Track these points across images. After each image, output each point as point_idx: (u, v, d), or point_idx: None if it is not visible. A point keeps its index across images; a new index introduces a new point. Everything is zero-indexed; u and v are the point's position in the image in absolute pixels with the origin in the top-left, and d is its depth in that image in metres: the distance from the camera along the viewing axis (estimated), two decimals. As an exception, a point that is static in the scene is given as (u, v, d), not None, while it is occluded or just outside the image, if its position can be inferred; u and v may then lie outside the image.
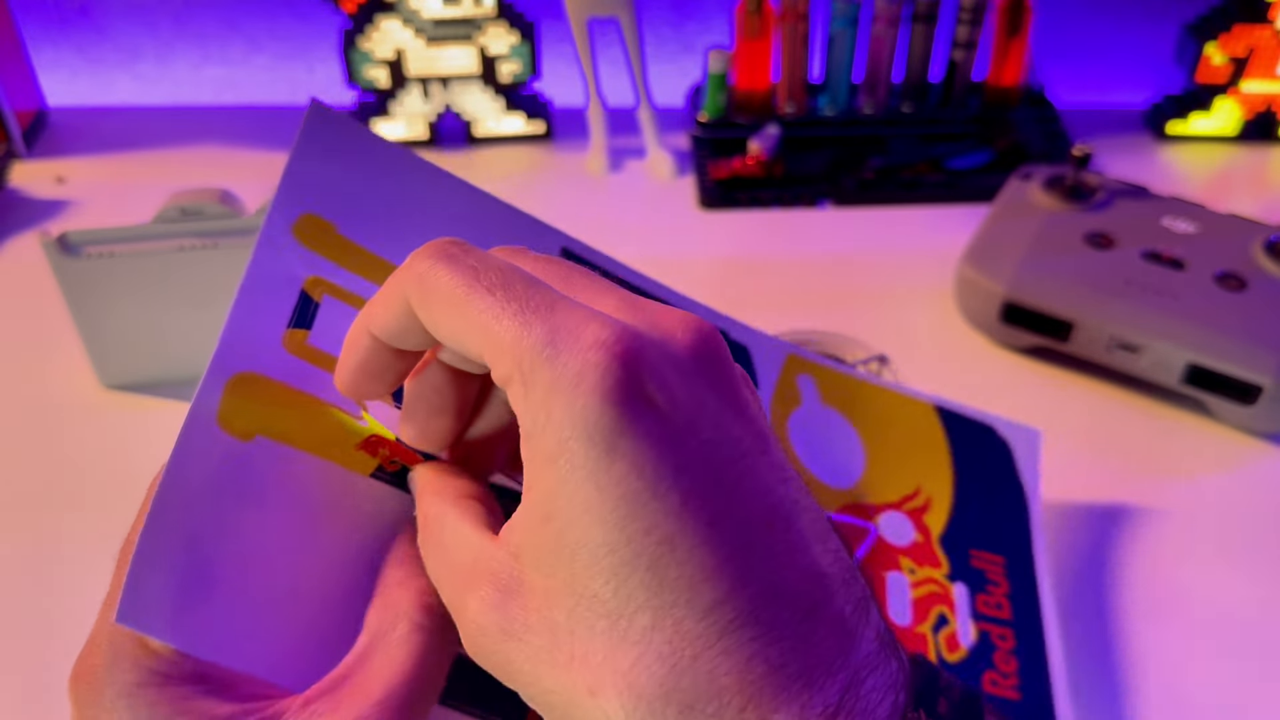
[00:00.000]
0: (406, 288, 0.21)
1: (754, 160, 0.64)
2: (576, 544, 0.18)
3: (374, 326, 0.22)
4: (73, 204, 0.64)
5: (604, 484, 0.18)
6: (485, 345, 0.20)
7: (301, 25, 0.76)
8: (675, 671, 0.18)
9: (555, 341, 0.19)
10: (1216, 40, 0.66)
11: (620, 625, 0.18)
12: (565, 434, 0.18)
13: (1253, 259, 0.51)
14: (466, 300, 0.20)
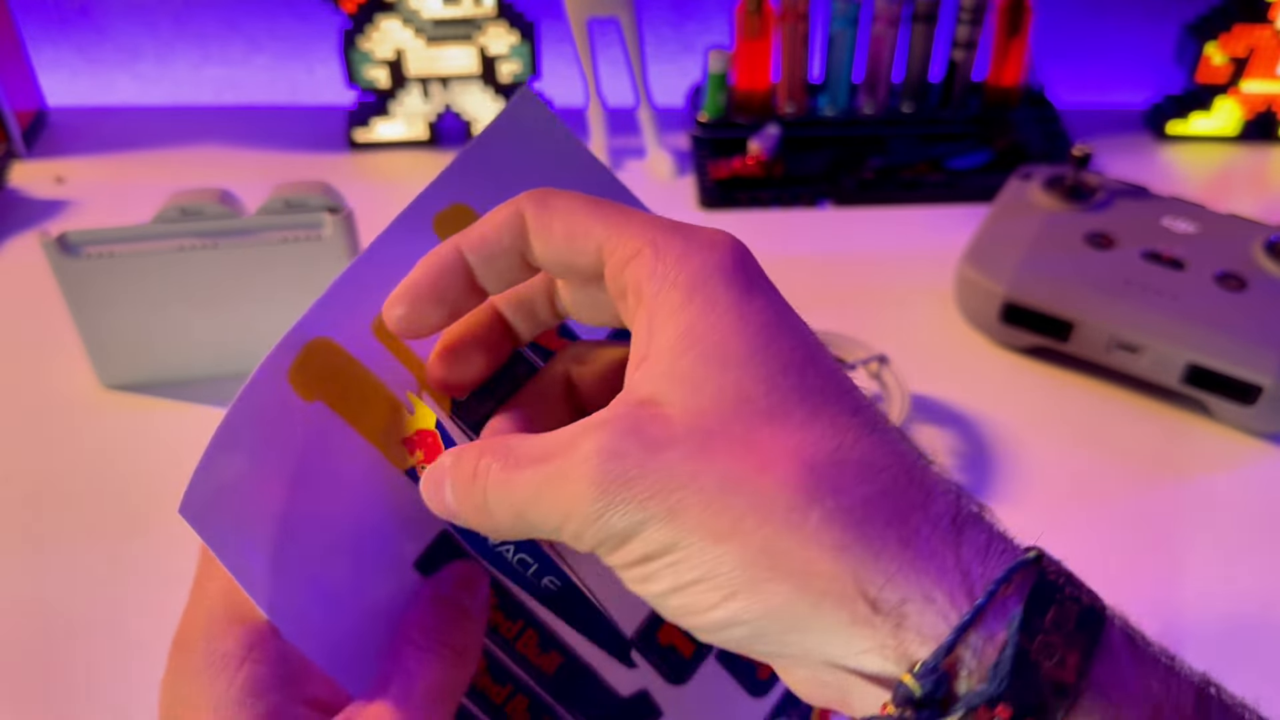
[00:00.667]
0: (523, 204, 0.23)
1: (754, 160, 0.64)
2: (728, 358, 0.20)
3: (471, 246, 0.23)
4: (72, 204, 0.64)
5: (746, 313, 0.21)
6: (607, 236, 0.22)
7: (302, 25, 0.76)
8: (840, 450, 0.19)
9: (683, 229, 0.22)
10: (1217, 40, 0.66)
11: (778, 419, 0.20)
12: (705, 278, 0.21)
13: (1253, 259, 0.51)
14: (591, 209, 0.22)
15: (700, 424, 0.20)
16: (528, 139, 0.26)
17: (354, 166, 0.67)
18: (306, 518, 0.23)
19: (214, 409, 0.49)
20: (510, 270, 0.23)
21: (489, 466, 0.22)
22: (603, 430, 0.20)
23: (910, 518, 0.19)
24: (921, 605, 0.18)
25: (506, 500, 0.21)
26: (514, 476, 0.21)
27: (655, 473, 0.19)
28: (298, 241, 0.46)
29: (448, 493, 0.23)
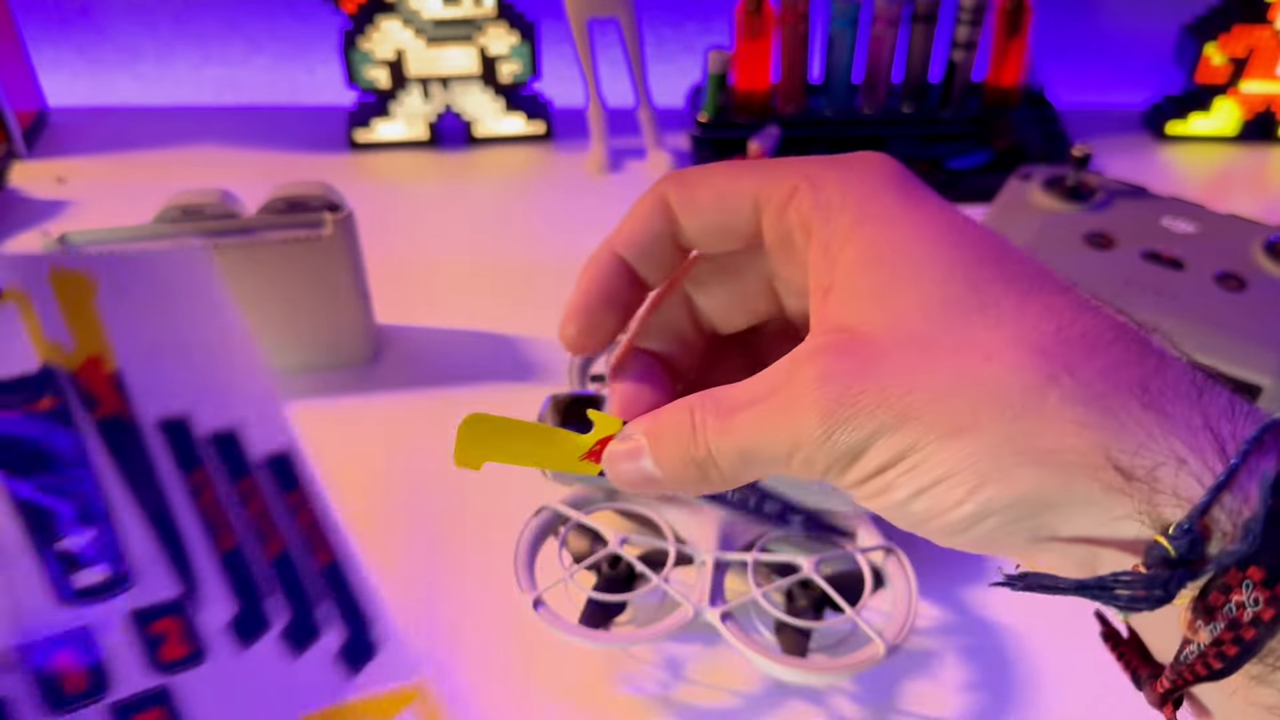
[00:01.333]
0: (661, 187, 0.23)
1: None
2: (919, 264, 0.20)
3: (623, 244, 0.24)
4: (73, 204, 0.64)
5: (923, 219, 0.21)
6: (758, 185, 0.22)
7: (302, 26, 0.76)
8: (1062, 329, 0.19)
9: (829, 157, 0.22)
10: (1216, 41, 0.66)
11: (990, 311, 0.19)
12: (870, 196, 0.21)
13: (1252, 259, 0.51)
14: (731, 168, 0.23)
15: (911, 332, 0.20)
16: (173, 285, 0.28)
17: (354, 167, 0.68)
18: None
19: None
20: (666, 256, 0.24)
21: (704, 419, 0.22)
22: (815, 357, 0.20)
23: (1150, 383, 0.18)
24: (1175, 468, 0.18)
25: (731, 445, 0.21)
26: (734, 420, 0.21)
27: (878, 383, 0.19)
28: (298, 242, 0.46)
29: (646, 462, 0.23)
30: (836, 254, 0.21)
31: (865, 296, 0.20)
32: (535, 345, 0.53)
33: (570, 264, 0.68)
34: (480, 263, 0.60)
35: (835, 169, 0.22)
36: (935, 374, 0.19)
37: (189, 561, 0.35)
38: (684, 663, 0.38)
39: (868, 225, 0.21)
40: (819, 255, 0.21)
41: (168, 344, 0.39)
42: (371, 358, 0.52)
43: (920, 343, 0.19)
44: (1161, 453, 0.18)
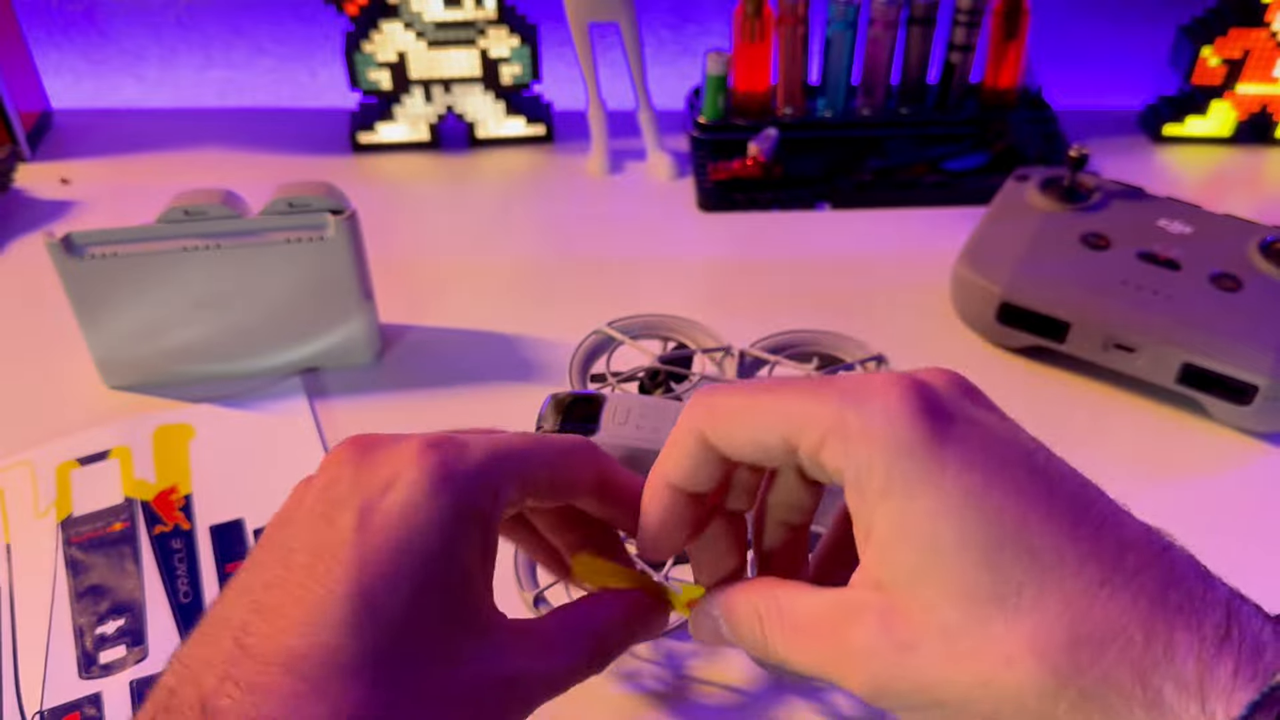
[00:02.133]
0: (696, 423, 0.24)
1: (753, 162, 0.64)
2: (941, 548, 0.21)
3: (670, 474, 0.25)
4: (77, 205, 0.64)
5: (944, 487, 0.21)
6: (788, 429, 0.23)
7: (305, 29, 0.76)
8: (1076, 623, 0.20)
9: (851, 397, 0.22)
10: (1212, 43, 0.67)
11: (1010, 602, 0.20)
12: (892, 459, 0.21)
13: (1248, 259, 0.51)
14: (754, 405, 0.23)
15: (937, 621, 0.21)
16: None
17: (357, 168, 0.68)
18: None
19: (216, 409, 0.50)
20: (717, 471, 0.25)
21: (771, 630, 0.24)
22: (858, 625, 0.22)
23: (1152, 679, 0.19)
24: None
25: (799, 662, 0.24)
26: (800, 644, 0.24)
27: (913, 673, 0.21)
28: (301, 242, 0.47)
29: (724, 628, 0.26)
30: (870, 513, 0.22)
31: (896, 569, 0.22)
32: (536, 345, 0.53)
33: (570, 264, 0.69)
34: (482, 263, 0.60)
35: (855, 415, 0.22)
36: (961, 677, 0.21)
37: None
38: (683, 659, 0.39)
39: (893, 497, 0.21)
40: (855, 506, 0.22)
41: (240, 466, 0.47)
42: (375, 357, 0.52)
43: (947, 636, 0.21)
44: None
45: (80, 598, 0.41)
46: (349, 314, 0.50)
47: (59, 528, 0.44)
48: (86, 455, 0.47)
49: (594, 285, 0.58)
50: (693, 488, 0.25)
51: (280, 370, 0.51)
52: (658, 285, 0.58)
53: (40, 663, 0.39)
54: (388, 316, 0.54)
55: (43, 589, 0.41)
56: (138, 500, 0.45)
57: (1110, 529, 0.21)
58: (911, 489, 0.21)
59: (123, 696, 0.38)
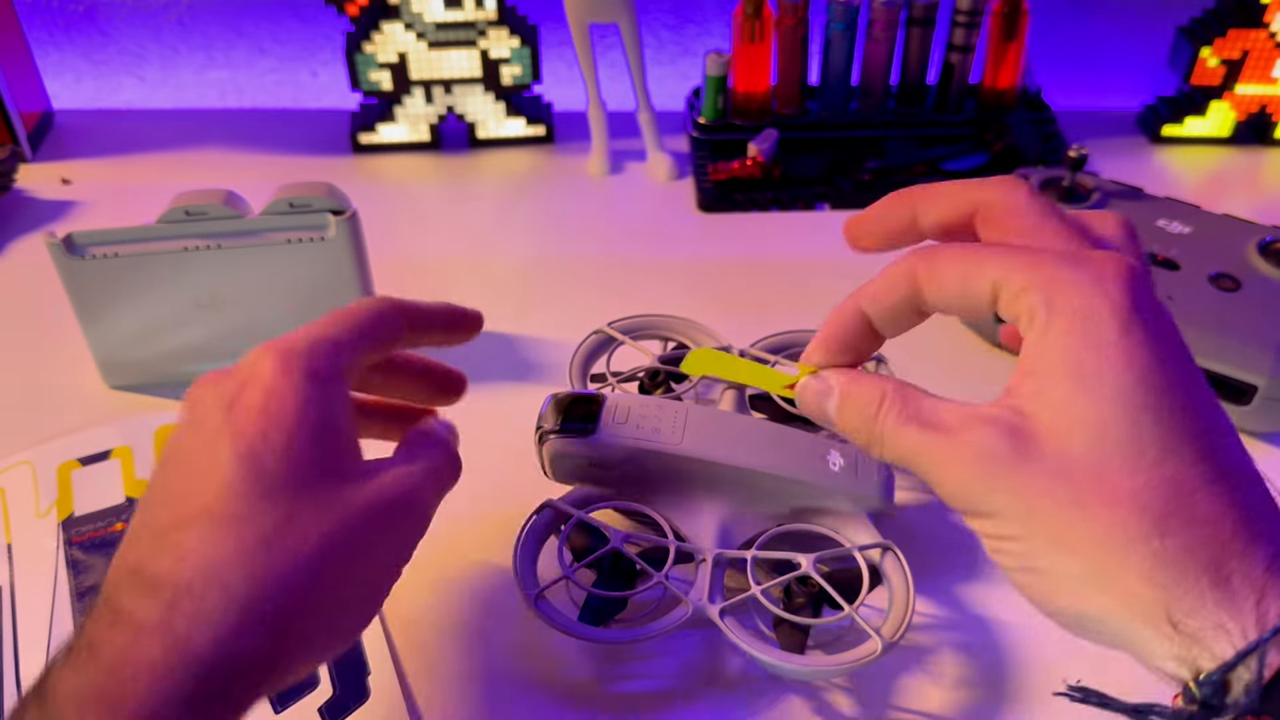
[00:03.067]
0: (914, 263, 0.27)
1: (752, 162, 0.65)
2: (1099, 392, 0.24)
3: (867, 302, 0.28)
4: (78, 205, 0.65)
5: (1121, 349, 0.24)
6: (1002, 272, 0.25)
7: (305, 29, 0.76)
8: (1176, 496, 0.23)
9: (1072, 260, 0.25)
10: (1211, 44, 0.67)
11: (1132, 457, 0.23)
12: (1089, 310, 0.24)
13: (1247, 260, 0.51)
14: (978, 252, 0.26)
15: (1063, 447, 0.24)
16: None
17: (358, 169, 0.68)
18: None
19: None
20: (905, 317, 0.28)
21: (889, 411, 0.27)
22: (989, 426, 0.25)
23: (1225, 564, 0.23)
24: (1215, 633, 0.22)
25: (899, 445, 0.27)
26: (908, 430, 0.26)
27: (1020, 476, 0.24)
28: (302, 243, 0.47)
29: (830, 406, 0.28)
30: (1045, 350, 0.25)
31: (1047, 400, 0.24)
32: (536, 344, 0.53)
33: (571, 265, 0.69)
34: (483, 263, 0.60)
35: (1068, 272, 0.25)
36: (1064, 492, 0.24)
37: None
38: (683, 658, 0.39)
39: (1074, 337, 0.24)
40: (1033, 343, 0.25)
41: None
42: (374, 357, 0.52)
43: (1067, 460, 0.24)
44: (1211, 619, 0.22)
45: (81, 597, 0.41)
46: (349, 314, 0.50)
47: (60, 527, 0.44)
48: (88, 455, 0.47)
49: (594, 285, 0.58)
50: (878, 318, 0.28)
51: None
52: (658, 285, 0.58)
53: (41, 662, 0.39)
54: (388, 316, 0.54)
55: (44, 589, 0.41)
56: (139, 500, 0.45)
57: (1233, 450, 0.24)
58: (1095, 338, 0.24)
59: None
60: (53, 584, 0.42)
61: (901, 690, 0.38)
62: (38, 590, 0.41)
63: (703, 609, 0.36)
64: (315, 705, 0.37)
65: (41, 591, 0.41)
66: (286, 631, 0.26)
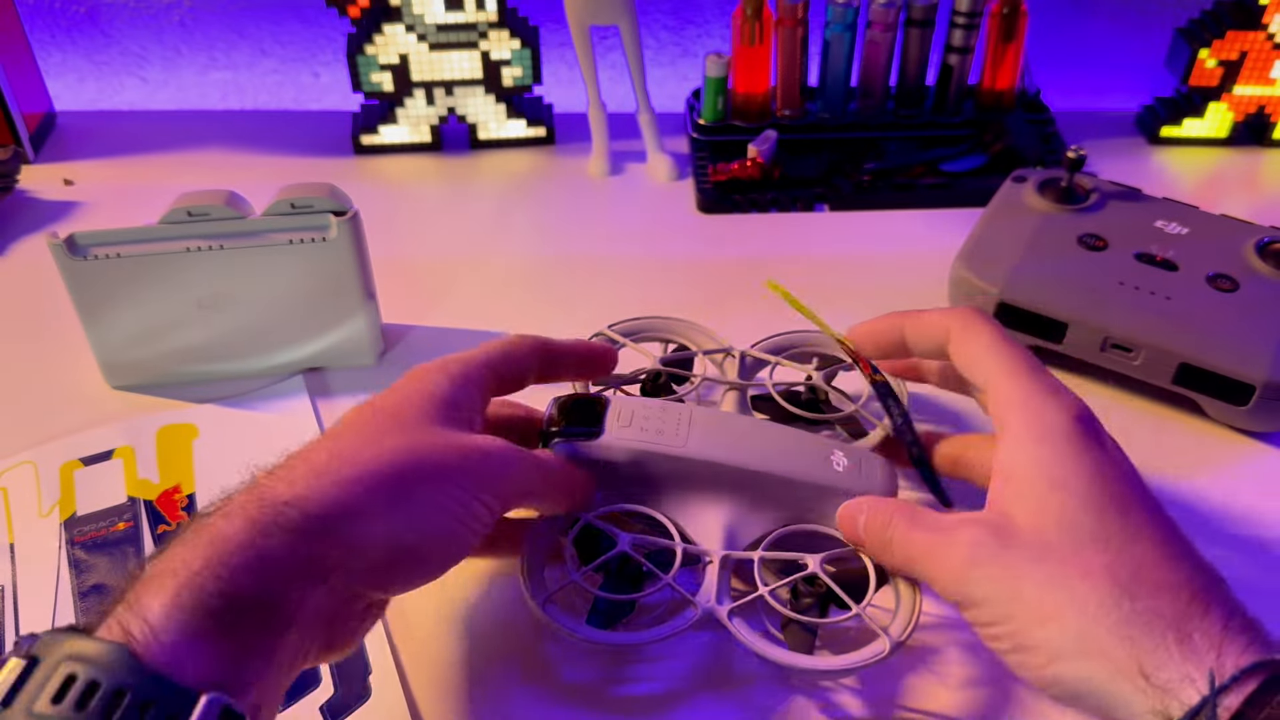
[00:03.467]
0: (951, 321, 0.36)
1: (752, 163, 0.65)
2: (1066, 490, 0.30)
3: (908, 329, 0.37)
4: (80, 206, 0.65)
5: (1089, 461, 0.31)
6: (998, 380, 0.34)
7: (307, 31, 0.77)
8: (1141, 569, 0.29)
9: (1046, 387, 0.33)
10: (1209, 45, 0.67)
11: (1100, 540, 0.29)
12: (1057, 431, 0.32)
13: (1244, 260, 0.51)
14: (996, 351, 0.35)
15: (1041, 537, 0.30)
16: None
17: (359, 170, 0.68)
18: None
19: (219, 409, 0.50)
20: (932, 353, 0.37)
21: (898, 522, 0.34)
22: (974, 526, 0.31)
23: (1186, 624, 0.27)
24: (1183, 684, 0.26)
25: (904, 550, 0.34)
26: (912, 535, 0.33)
27: (1003, 562, 0.30)
28: (303, 243, 0.47)
29: (860, 526, 0.36)
30: (1018, 457, 0.32)
31: (1024, 500, 0.31)
32: (537, 345, 0.54)
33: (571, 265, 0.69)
34: (483, 264, 0.60)
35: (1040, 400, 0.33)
36: (1043, 572, 0.29)
37: None
38: (690, 660, 0.39)
39: (1045, 449, 0.31)
40: (1007, 449, 0.32)
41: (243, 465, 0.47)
42: (377, 357, 0.52)
43: (1045, 548, 0.30)
44: (1178, 671, 0.27)
45: (84, 597, 0.41)
46: (351, 314, 0.50)
47: (62, 527, 0.44)
48: (90, 455, 0.47)
49: (594, 286, 0.58)
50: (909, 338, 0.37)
51: (283, 370, 0.51)
52: (658, 286, 0.58)
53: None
54: (389, 317, 0.54)
55: (46, 588, 0.42)
56: (141, 500, 0.45)
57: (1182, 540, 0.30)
58: (1061, 451, 0.31)
59: (127, 694, 0.38)
60: (55, 583, 0.42)
61: (908, 691, 0.38)
62: (40, 589, 0.41)
63: (711, 610, 0.36)
64: (317, 704, 0.37)
65: (44, 591, 0.41)
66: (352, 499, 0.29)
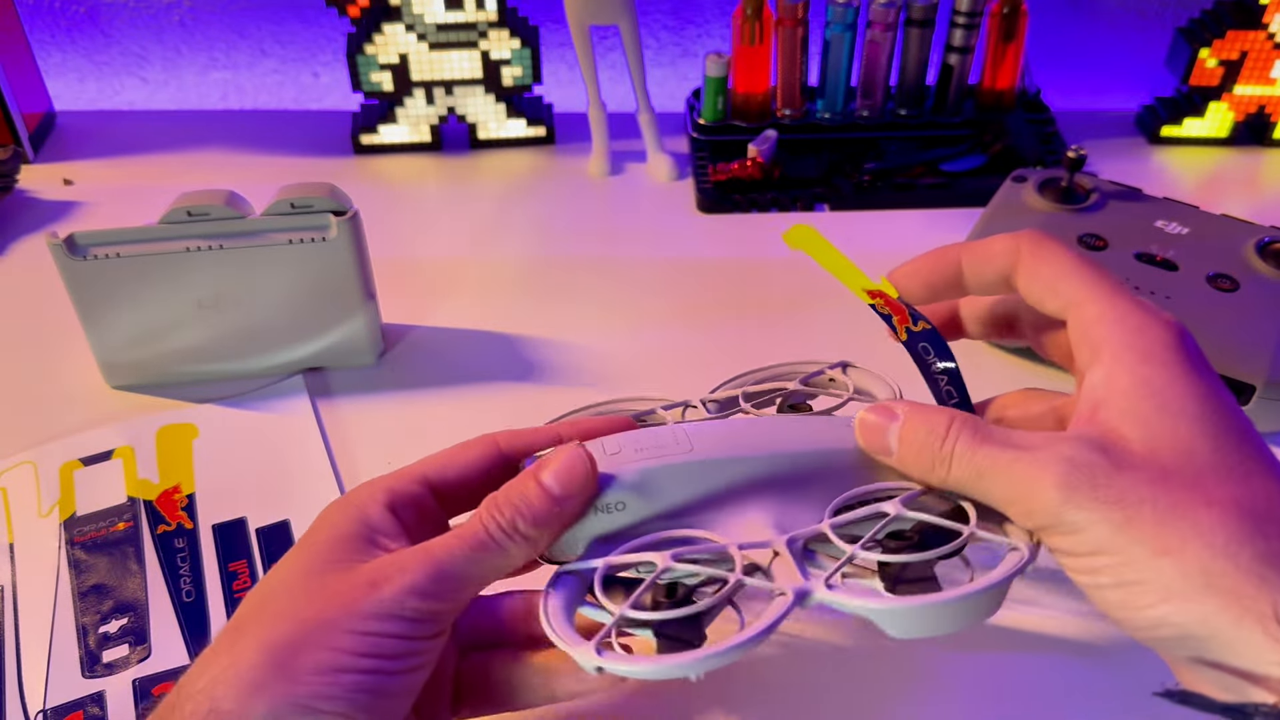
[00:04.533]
0: (1022, 242, 0.30)
1: (752, 163, 0.65)
2: (1179, 414, 0.26)
3: (969, 257, 0.31)
4: (80, 206, 0.65)
5: (1197, 381, 0.26)
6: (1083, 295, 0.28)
7: (307, 30, 0.77)
8: (1270, 501, 0.24)
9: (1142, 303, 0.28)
10: (1210, 45, 0.67)
11: (1222, 471, 0.25)
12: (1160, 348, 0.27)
13: (1244, 260, 0.51)
14: (1075, 266, 0.29)
15: (1157, 458, 0.25)
16: None
17: (359, 169, 0.68)
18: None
19: (219, 409, 0.50)
20: (993, 285, 0.31)
21: (962, 433, 0.27)
22: (1076, 443, 0.26)
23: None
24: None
25: (973, 463, 0.27)
26: (985, 448, 0.27)
27: (1119, 485, 0.25)
28: (303, 243, 0.47)
29: (892, 434, 0.29)
30: (1116, 377, 0.27)
31: (1132, 417, 0.26)
32: (537, 345, 0.54)
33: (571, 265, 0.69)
34: (483, 264, 0.60)
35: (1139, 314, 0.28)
36: (1164, 499, 0.24)
37: (206, 636, 0.40)
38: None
39: (1149, 367, 0.26)
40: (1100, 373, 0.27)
41: (243, 465, 0.47)
42: (377, 357, 0.52)
43: (1164, 470, 0.25)
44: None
45: (83, 597, 0.41)
46: (351, 314, 0.50)
47: (62, 527, 0.44)
48: (90, 455, 0.47)
49: (594, 285, 0.58)
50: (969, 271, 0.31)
51: (283, 370, 0.51)
52: (657, 286, 0.58)
53: (43, 662, 0.39)
54: (389, 316, 0.54)
55: (46, 588, 0.42)
56: (141, 500, 0.45)
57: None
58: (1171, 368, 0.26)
59: (126, 695, 0.38)
60: (54, 584, 0.42)
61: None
62: (40, 590, 0.41)
63: (806, 589, 0.28)
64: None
65: (43, 591, 0.41)
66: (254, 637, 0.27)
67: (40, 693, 0.38)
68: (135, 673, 0.39)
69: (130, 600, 0.41)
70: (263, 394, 0.50)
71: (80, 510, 0.45)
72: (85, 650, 0.39)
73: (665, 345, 0.53)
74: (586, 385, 0.51)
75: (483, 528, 0.28)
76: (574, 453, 0.29)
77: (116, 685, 0.38)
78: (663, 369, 0.52)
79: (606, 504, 0.30)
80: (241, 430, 0.49)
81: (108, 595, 0.41)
